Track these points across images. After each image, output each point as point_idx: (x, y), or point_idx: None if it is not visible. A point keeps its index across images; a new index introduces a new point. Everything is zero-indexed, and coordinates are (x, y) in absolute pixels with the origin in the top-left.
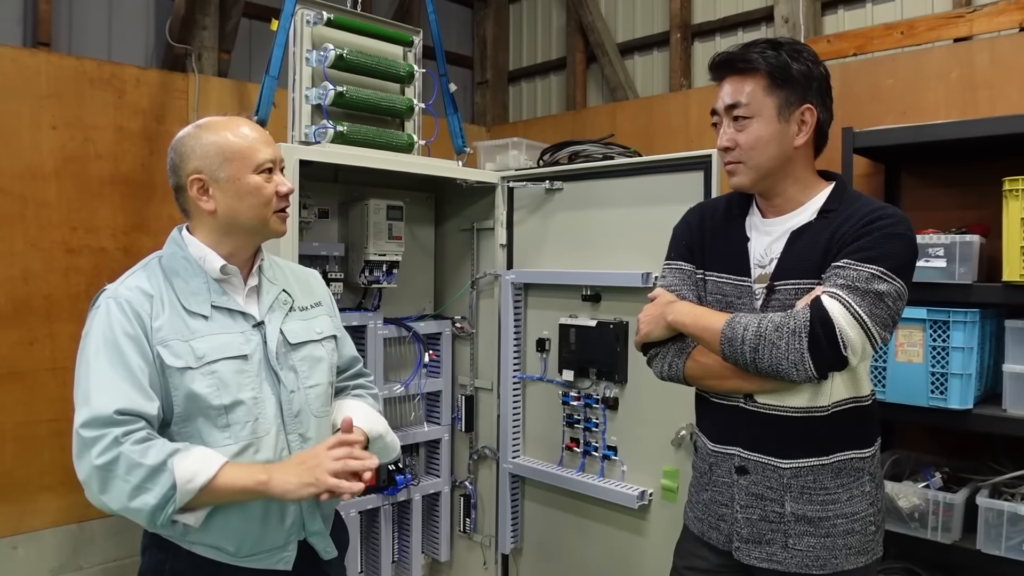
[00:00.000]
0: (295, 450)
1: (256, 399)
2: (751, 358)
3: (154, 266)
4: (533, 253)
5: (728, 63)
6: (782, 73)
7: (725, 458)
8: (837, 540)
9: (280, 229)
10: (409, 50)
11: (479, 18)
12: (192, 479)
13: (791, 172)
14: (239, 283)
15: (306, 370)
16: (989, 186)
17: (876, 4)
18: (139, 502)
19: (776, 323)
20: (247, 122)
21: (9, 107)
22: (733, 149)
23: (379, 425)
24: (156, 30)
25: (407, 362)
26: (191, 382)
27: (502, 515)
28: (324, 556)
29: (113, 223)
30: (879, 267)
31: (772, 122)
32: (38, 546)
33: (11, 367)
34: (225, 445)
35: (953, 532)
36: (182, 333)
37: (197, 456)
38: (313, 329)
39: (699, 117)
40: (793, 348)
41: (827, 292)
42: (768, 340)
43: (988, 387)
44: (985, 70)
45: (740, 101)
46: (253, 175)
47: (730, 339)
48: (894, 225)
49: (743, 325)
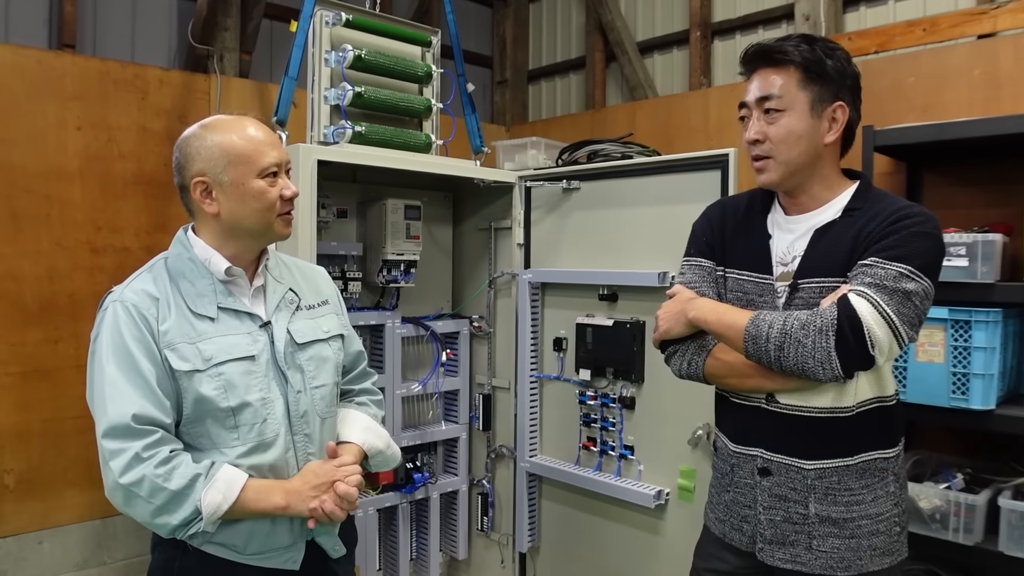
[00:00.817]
0: (300, 450)
1: (264, 400)
2: (775, 356)
3: (160, 268)
4: (550, 252)
5: (762, 54)
6: (817, 67)
7: (747, 459)
8: (862, 541)
9: (284, 233)
10: (427, 50)
11: (499, 17)
12: (217, 510)
13: (819, 170)
14: (245, 284)
15: (313, 370)
16: (1013, 184)
17: (898, 1)
18: (161, 520)
19: (803, 321)
20: (253, 122)
21: (35, 108)
22: (763, 142)
23: (379, 441)
24: (179, 32)
25: (425, 361)
26: (199, 385)
27: (519, 514)
28: (332, 555)
29: (136, 223)
30: (907, 265)
31: (804, 117)
32: (63, 541)
33: (37, 365)
34: (233, 446)
35: (975, 534)
36: (189, 335)
37: (221, 486)
38: (320, 328)
39: (719, 116)
40: (820, 347)
41: (854, 290)
42: (794, 338)
43: (1011, 387)
44: (1009, 67)
45: (773, 93)
46: (257, 179)
47: (754, 337)
48: (922, 224)
49: (768, 323)
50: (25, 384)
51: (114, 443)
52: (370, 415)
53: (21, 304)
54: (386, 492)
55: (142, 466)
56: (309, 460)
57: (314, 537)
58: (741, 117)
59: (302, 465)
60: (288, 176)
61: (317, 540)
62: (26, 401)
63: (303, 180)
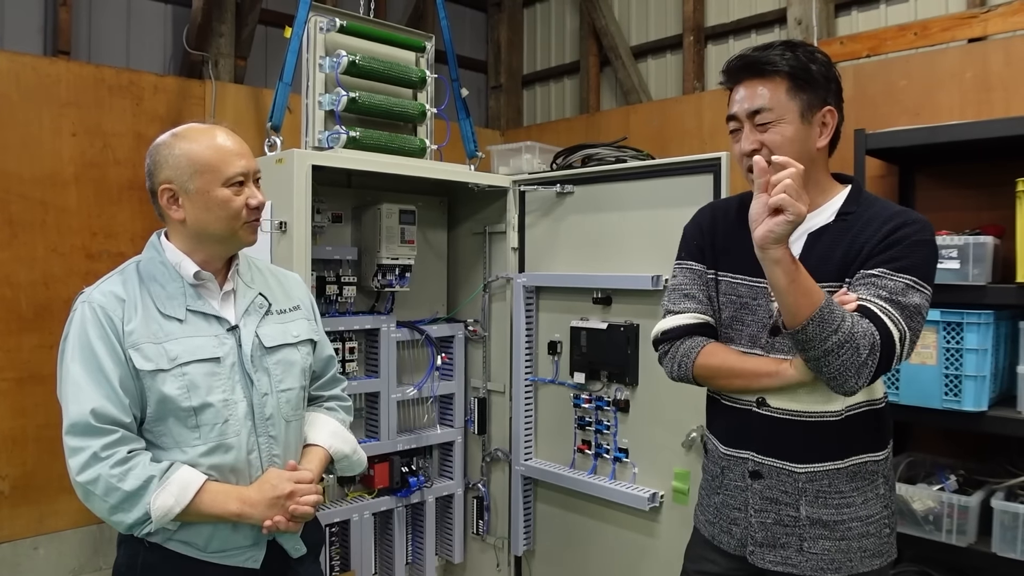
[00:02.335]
0: (265, 451)
1: (226, 401)
2: (827, 351)
3: (131, 271)
4: (545, 256)
5: (748, 66)
6: (804, 75)
7: (738, 462)
8: (852, 543)
9: (249, 240)
10: (421, 55)
11: (493, 23)
12: (167, 513)
13: (812, 175)
14: (215, 287)
15: (279, 374)
16: (1003, 187)
17: (890, 5)
18: (116, 518)
19: (865, 329)
20: (224, 131)
21: (30, 114)
22: (759, 150)
23: (346, 446)
24: (173, 38)
25: (420, 365)
26: (162, 384)
27: (515, 517)
28: (293, 555)
29: (132, 228)
30: (912, 277)
31: (796, 124)
32: (59, 547)
33: (32, 370)
34: (194, 445)
35: (968, 535)
36: (156, 335)
37: (174, 489)
38: (290, 332)
39: (712, 120)
40: (866, 362)
41: (876, 305)
42: (854, 344)
43: (1003, 389)
44: (1000, 70)
45: (763, 106)
46: (222, 188)
47: (821, 321)
48: (921, 231)
49: (841, 316)
50: (20, 390)
51: (75, 440)
52: (338, 420)
53: (16, 310)
54: (381, 496)
55: (99, 465)
56: (274, 461)
57: (275, 537)
58: (732, 131)
59: (266, 466)
60: (258, 184)
61: (278, 540)
62: (21, 407)
63: (297, 185)
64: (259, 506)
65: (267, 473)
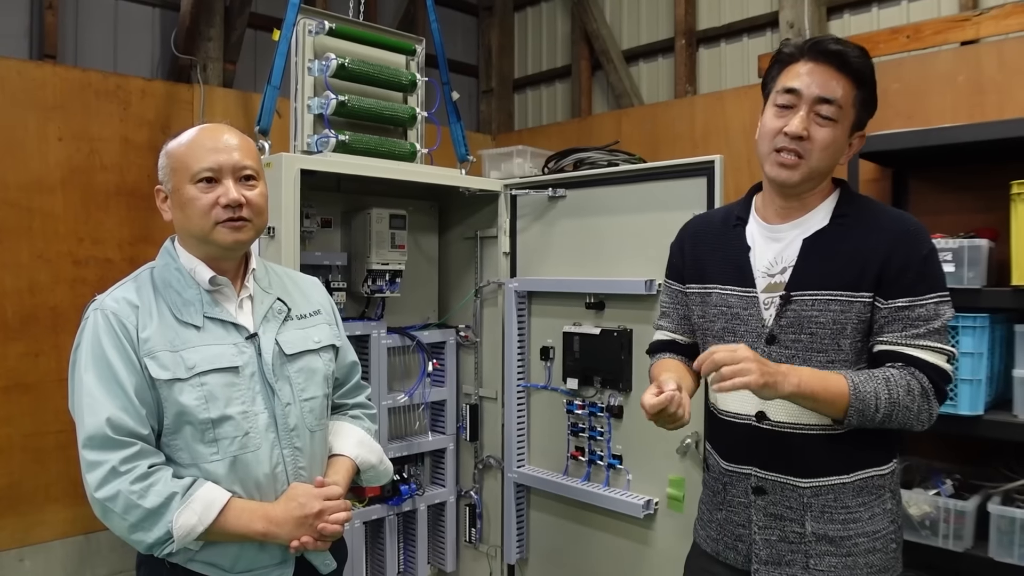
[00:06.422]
0: (291, 464)
1: (245, 413)
2: (880, 422)
3: (145, 278)
4: (537, 261)
5: (838, 54)
6: (870, 92)
7: (740, 478)
8: (859, 559)
9: (223, 240)
10: (412, 59)
11: (484, 27)
12: (190, 532)
13: (822, 183)
14: (231, 293)
15: (302, 382)
16: (997, 190)
17: (882, 8)
18: (136, 537)
19: (904, 386)
20: (208, 128)
21: (16, 119)
22: (805, 140)
23: (372, 456)
24: (161, 42)
25: (411, 371)
26: (179, 394)
27: (507, 525)
28: (322, 571)
29: (119, 234)
30: (936, 292)
31: (844, 134)
32: (45, 558)
33: (18, 379)
34: (212, 461)
35: (965, 540)
36: (172, 343)
37: (197, 507)
38: (311, 338)
39: (704, 123)
40: (923, 409)
41: (917, 348)
42: (902, 406)
43: (999, 393)
44: (993, 73)
45: (836, 99)
46: (190, 185)
47: (860, 410)
48: (924, 239)
49: (873, 393)
50: (6, 398)
51: (92, 454)
52: (364, 428)
53: (2, 318)
54: (373, 504)
55: (118, 481)
56: (300, 474)
57: (303, 554)
58: (782, 105)
59: (292, 479)
60: (251, 182)
61: (307, 556)
62: (7, 416)
63: (286, 190)
64: (286, 525)
65: (293, 489)
